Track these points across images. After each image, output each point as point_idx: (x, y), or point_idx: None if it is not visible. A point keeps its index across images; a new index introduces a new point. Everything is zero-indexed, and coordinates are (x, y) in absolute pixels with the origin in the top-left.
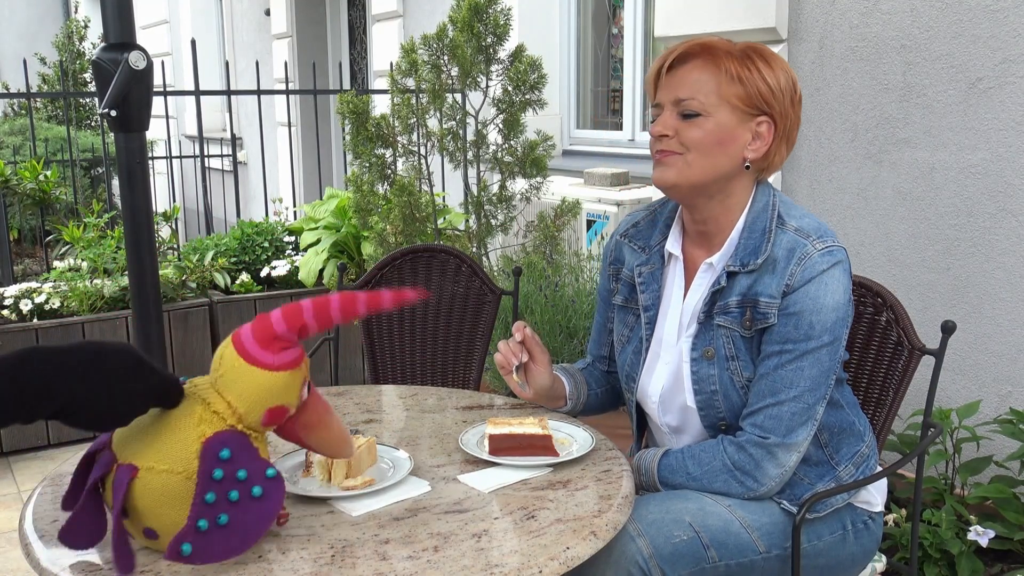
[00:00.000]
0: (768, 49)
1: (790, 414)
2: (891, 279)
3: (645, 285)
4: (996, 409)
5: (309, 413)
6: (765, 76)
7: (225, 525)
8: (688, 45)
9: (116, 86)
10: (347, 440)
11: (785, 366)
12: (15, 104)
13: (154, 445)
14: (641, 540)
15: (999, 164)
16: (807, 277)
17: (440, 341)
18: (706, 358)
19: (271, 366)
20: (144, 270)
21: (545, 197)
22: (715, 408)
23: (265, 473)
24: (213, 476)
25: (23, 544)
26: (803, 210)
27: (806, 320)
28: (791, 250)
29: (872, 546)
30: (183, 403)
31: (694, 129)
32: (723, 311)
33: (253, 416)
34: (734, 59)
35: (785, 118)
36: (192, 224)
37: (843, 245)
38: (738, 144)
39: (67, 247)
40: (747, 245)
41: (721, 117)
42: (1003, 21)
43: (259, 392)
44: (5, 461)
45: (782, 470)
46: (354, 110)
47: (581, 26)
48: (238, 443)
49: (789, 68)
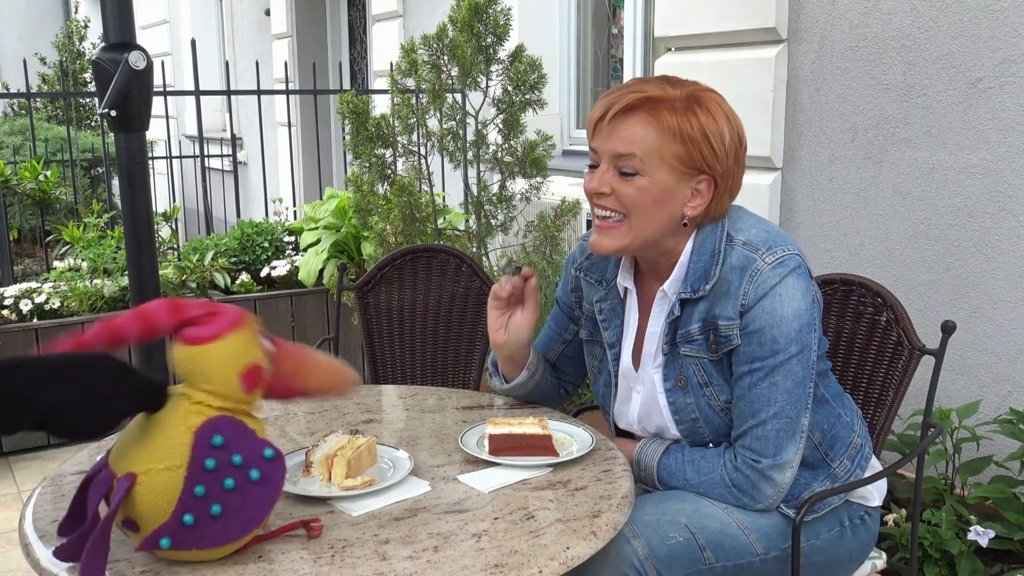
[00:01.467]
0: (714, 98)
1: (775, 432)
2: (891, 279)
3: (607, 322)
4: (996, 409)
5: (286, 360)
6: (708, 134)
7: (220, 515)
8: (632, 98)
9: (116, 86)
10: (342, 368)
11: (758, 384)
12: (15, 104)
13: (147, 447)
14: (637, 542)
15: (999, 164)
16: (761, 293)
17: (440, 341)
18: (679, 388)
19: (214, 336)
20: (144, 270)
21: (545, 197)
22: (699, 433)
23: (263, 454)
24: (205, 467)
25: (23, 544)
26: (754, 217)
27: (768, 335)
28: (742, 268)
29: (869, 541)
30: (168, 403)
31: (631, 188)
32: (686, 339)
33: (231, 387)
34: (677, 114)
35: (727, 176)
36: (192, 224)
37: (796, 250)
38: (676, 202)
39: (67, 247)
40: (696, 269)
41: (660, 176)
42: (1003, 21)
43: (220, 363)
44: (5, 461)
45: (777, 489)
46: (354, 110)
47: (581, 26)
48: (231, 427)
49: (735, 118)
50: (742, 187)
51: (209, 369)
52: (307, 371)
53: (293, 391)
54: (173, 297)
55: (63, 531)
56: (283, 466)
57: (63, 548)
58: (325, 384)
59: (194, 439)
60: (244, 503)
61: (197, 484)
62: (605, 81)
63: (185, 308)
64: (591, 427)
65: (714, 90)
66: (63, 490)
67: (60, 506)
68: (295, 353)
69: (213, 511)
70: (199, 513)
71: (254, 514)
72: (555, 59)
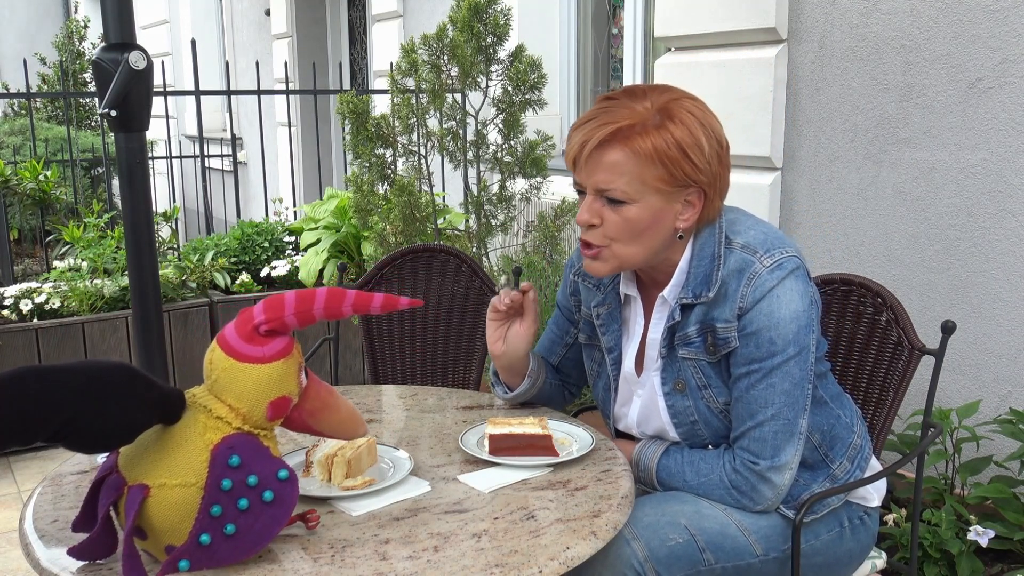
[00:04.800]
0: (684, 106)
1: (773, 434)
2: (891, 279)
3: (605, 327)
4: (996, 409)
5: (312, 399)
6: (686, 148)
7: (233, 534)
8: (603, 133)
9: (116, 86)
10: (358, 419)
11: (756, 386)
12: (15, 104)
13: (163, 461)
14: (636, 543)
15: (999, 164)
16: (758, 296)
17: (440, 341)
18: (678, 391)
19: (261, 358)
20: (144, 270)
21: (545, 197)
22: (698, 436)
23: (277, 475)
24: (221, 487)
25: (23, 544)
26: (752, 219)
27: (765, 337)
28: (740, 271)
29: (869, 541)
30: (185, 415)
31: (621, 217)
32: (684, 342)
33: (257, 413)
34: (650, 136)
35: (714, 181)
36: (192, 224)
37: (794, 252)
38: (668, 219)
39: (67, 247)
40: (697, 274)
41: (649, 201)
42: (1003, 21)
43: (256, 387)
44: (5, 461)
45: (776, 491)
46: (354, 110)
47: (581, 26)
48: (247, 446)
49: (709, 121)
50: (743, 188)
51: (242, 388)
52: (326, 414)
53: (307, 428)
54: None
55: (76, 527)
56: (296, 487)
57: (77, 549)
58: (337, 432)
59: (211, 457)
60: (256, 522)
61: (214, 504)
62: (605, 81)
63: (283, 305)
64: (591, 427)
65: (685, 94)
66: (63, 490)
67: (60, 506)
68: (321, 394)
69: (227, 530)
70: (214, 533)
71: (264, 533)
72: (555, 59)
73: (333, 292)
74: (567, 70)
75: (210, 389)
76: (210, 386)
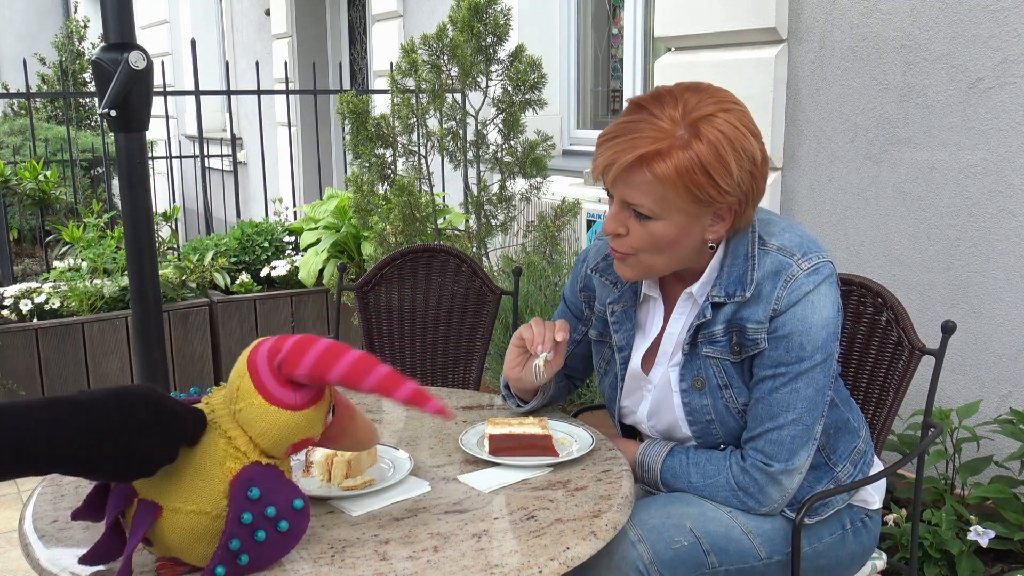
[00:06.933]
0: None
1: (790, 438)
2: (891, 279)
3: (618, 324)
4: (996, 409)
5: (334, 428)
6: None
7: (245, 564)
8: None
9: (116, 86)
10: (372, 435)
11: (780, 389)
12: (15, 104)
13: (179, 485)
14: (642, 546)
15: (999, 164)
16: (794, 300)
17: (440, 341)
18: (696, 388)
19: (293, 406)
20: (144, 270)
21: (545, 197)
22: (712, 435)
23: (293, 504)
24: (242, 521)
25: (23, 544)
26: (784, 222)
27: (796, 342)
28: (776, 272)
29: (871, 544)
30: (204, 436)
31: (648, 230)
32: (709, 340)
33: (277, 450)
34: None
35: (746, 198)
36: (192, 224)
37: (829, 258)
38: (697, 231)
39: (67, 247)
40: (731, 272)
41: (676, 218)
42: (1003, 21)
43: (282, 431)
44: None
45: (783, 493)
46: (354, 110)
47: (581, 26)
48: (266, 477)
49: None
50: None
51: (267, 428)
52: (343, 440)
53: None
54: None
55: (77, 516)
56: (308, 517)
57: (88, 556)
58: (348, 448)
59: (231, 488)
60: (267, 552)
61: (233, 538)
62: (605, 81)
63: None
64: (591, 427)
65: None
66: (63, 490)
67: (60, 506)
68: (343, 423)
69: (241, 560)
70: (230, 565)
71: (272, 559)
72: (555, 59)
73: (391, 376)
74: (567, 70)
75: (234, 415)
76: (234, 412)
